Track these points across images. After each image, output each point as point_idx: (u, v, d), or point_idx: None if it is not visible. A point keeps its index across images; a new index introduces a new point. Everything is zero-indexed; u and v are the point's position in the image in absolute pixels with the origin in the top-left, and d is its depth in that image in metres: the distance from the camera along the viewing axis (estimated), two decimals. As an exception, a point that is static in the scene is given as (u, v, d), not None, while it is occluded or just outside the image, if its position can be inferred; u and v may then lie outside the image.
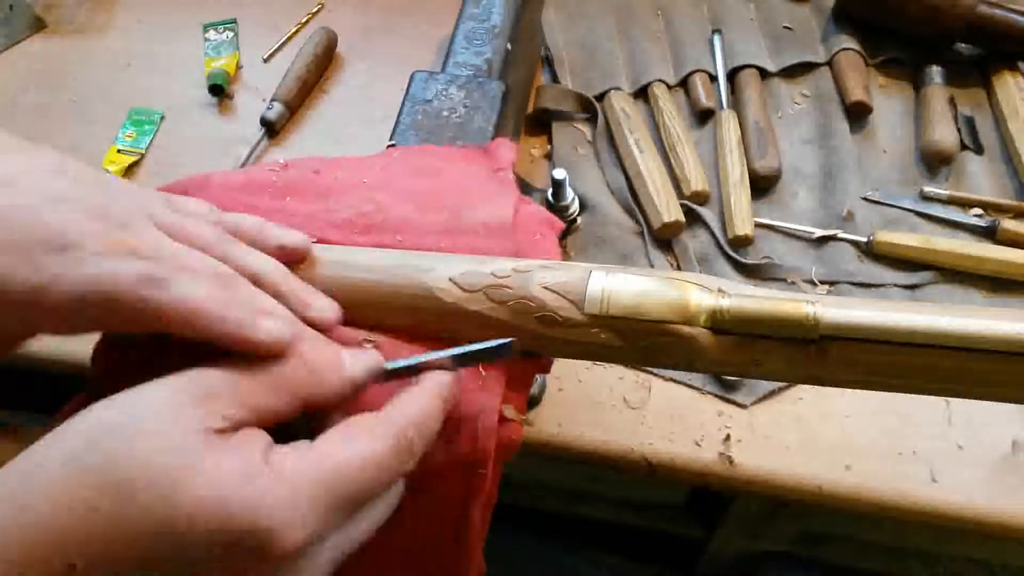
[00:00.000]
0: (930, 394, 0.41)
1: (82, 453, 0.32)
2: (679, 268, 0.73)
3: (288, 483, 0.33)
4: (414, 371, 0.40)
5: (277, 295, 0.40)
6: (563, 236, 0.74)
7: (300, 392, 0.36)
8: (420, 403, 0.38)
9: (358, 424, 0.36)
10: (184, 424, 0.33)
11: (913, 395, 0.44)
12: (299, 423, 0.37)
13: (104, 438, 0.32)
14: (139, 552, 0.31)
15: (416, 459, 0.37)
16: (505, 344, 0.40)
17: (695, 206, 0.76)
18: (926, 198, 0.77)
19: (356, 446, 0.35)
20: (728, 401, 0.67)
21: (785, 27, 0.86)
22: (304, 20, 0.91)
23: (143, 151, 0.83)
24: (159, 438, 0.32)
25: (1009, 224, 0.73)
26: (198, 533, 0.31)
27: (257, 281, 0.40)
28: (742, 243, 0.74)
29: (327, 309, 0.41)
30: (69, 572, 0.30)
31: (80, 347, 0.44)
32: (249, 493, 0.32)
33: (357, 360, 0.39)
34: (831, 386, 0.42)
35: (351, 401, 0.39)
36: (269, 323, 0.37)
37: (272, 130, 0.83)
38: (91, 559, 0.31)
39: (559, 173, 0.71)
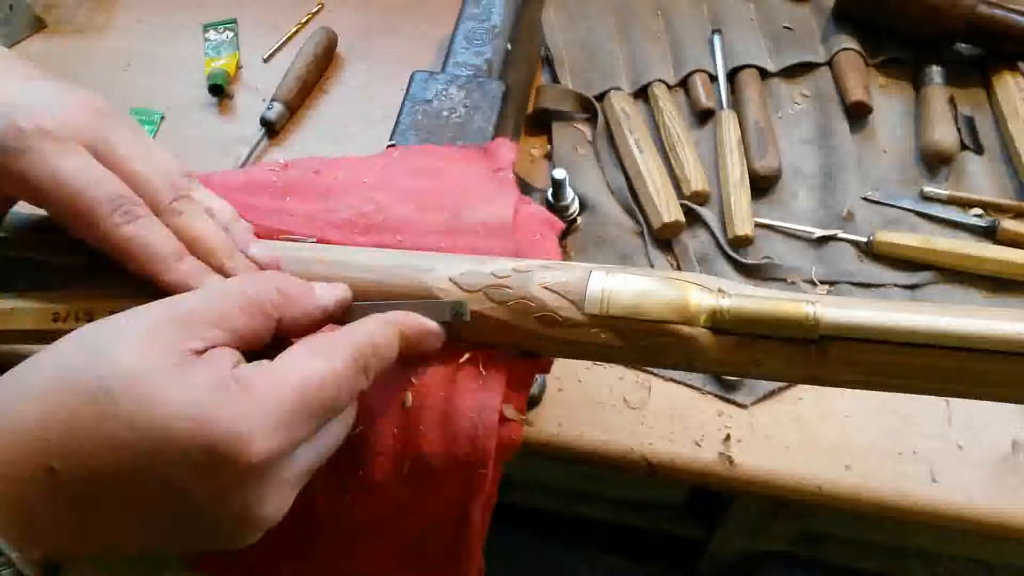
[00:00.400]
0: (930, 394, 0.41)
1: (68, 365, 0.34)
2: (679, 268, 0.73)
3: (256, 396, 0.34)
4: (382, 310, 0.41)
5: (219, 267, 0.42)
6: (563, 236, 0.74)
7: (273, 313, 0.38)
8: (377, 326, 0.39)
9: (318, 341, 0.37)
10: (163, 342, 0.34)
11: (913, 395, 0.44)
12: (268, 350, 0.38)
13: (89, 353, 0.34)
14: (116, 460, 0.32)
15: (370, 380, 0.38)
16: (457, 303, 0.41)
17: (695, 206, 0.76)
18: (926, 198, 0.77)
19: (318, 361, 0.36)
20: (728, 401, 0.67)
21: (785, 27, 0.86)
22: (304, 20, 0.91)
23: (143, 151, 0.83)
24: (139, 354, 0.33)
25: (1009, 224, 0.73)
26: (173, 443, 0.32)
27: (196, 247, 0.42)
28: (742, 243, 0.74)
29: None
30: (48, 475, 0.32)
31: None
32: (221, 405, 0.33)
33: (327, 289, 0.41)
34: (831, 386, 0.42)
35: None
36: (133, 227, 0.40)
37: (272, 130, 0.83)
38: (69, 463, 0.32)
39: (559, 173, 0.71)
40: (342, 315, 0.41)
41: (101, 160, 0.41)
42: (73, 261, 0.44)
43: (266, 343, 0.38)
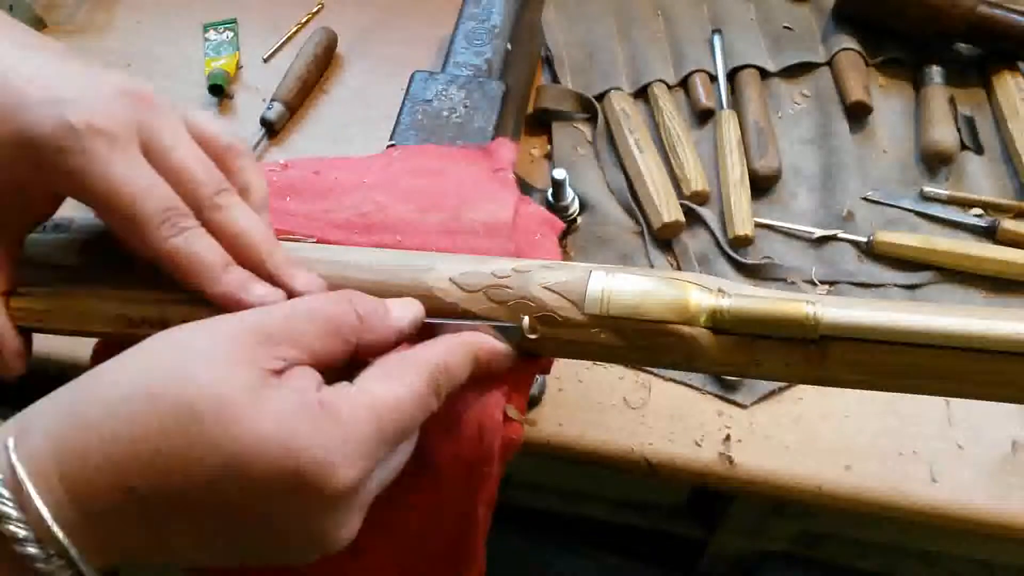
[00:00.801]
0: (930, 394, 0.41)
1: (153, 382, 0.33)
2: (679, 268, 0.73)
3: (342, 422, 0.34)
4: (454, 329, 0.41)
5: (257, 265, 0.41)
6: (563, 236, 0.74)
7: (351, 337, 0.37)
8: (450, 348, 0.39)
9: (395, 363, 0.37)
10: (247, 361, 0.34)
11: (913, 395, 0.44)
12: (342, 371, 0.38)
13: (174, 371, 0.33)
14: (200, 482, 0.32)
15: (441, 401, 0.38)
16: (524, 327, 0.41)
17: (695, 206, 0.76)
18: (926, 198, 0.77)
19: (398, 384, 0.36)
20: (728, 401, 0.67)
21: (785, 27, 0.86)
22: (304, 20, 0.91)
23: (143, 151, 0.83)
24: (224, 374, 0.33)
25: (1009, 224, 0.73)
26: (261, 468, 0.32)
27: (237, 243, 0.41)
28: (742, 243, 0.74)
29: (312, 284, 0.42)
30: (129, 493, 0.32)
31: (80, 347, 0.45)
32: (307, 432, 0.33)
33: (403, 309, 0.40)
34: (831, 386, 0.42)
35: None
36: (185, 238, 0.39)
37: (272, 130, 0.83)
38: (152, 483, 0.32)
39: (559, 173, 0.71)
40: (419, 335, 0.41)
41: (146, 153, 0.40)
42: (71, 262, 0.44)
43: (344, 365, 0.38)
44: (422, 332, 0.41)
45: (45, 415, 0.33)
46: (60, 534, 0.31)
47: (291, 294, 0.41)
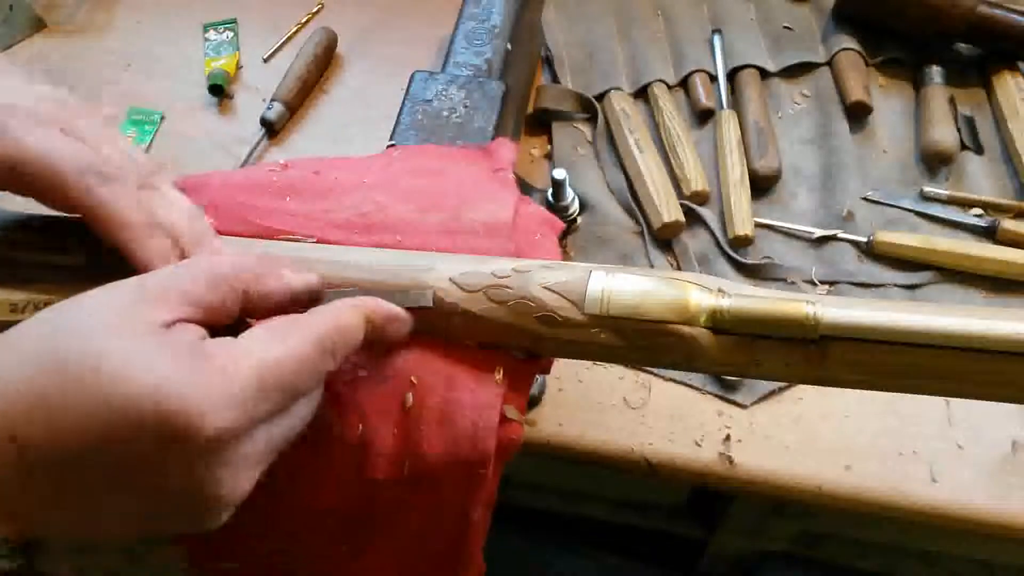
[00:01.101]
0: (930, 394, 0.41)
1: (31, 339, 0.34)
2: (679, 268, 0.73)
3: (215, 370, 0.34)
4: (349, 295, 0.41)
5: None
6: (563, 236, 0.74)
7: (239, 287, 0.38)
8: (341, 309, 0.39)
9: (281, 322, 0.37)
10: (128, 316, 0.34)
11: (913, 395, 0.44)
12: (234, 331, 0.38)
13: (53, 327, 0.34)
14: (79, 430, 0.32)
15: (337, 363, 0.38)
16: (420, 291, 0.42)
17: (695, 206, 0.76)
18: (926, 198, 0.77)
19: (280, 340, 0.36)
20: (728, 401, 0.67)
21: (785, 27, 0.86)
22: (304, 20, 0.91)
23: (143, 151, 0.83)
24: (102, 327, 0.34)
25: (1009, 224, 0.73)
26: (131, 414, 0.32)
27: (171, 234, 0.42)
28: (742, 243, 0.74)
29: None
30: (10, 441, 0.32)
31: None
32: (179, 378, 0.33)
33: (297, 273, 0.41)
34: (831, 386, 0.42)
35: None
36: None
37: (272, 130, 0.83)
38: (32, 432, 0.32)
39: (559, 173, 0.71)
40: (310, 302, 0.41)
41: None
42: (70, 261, 0.44)
43: (233, 320, 0.38)
44: (321, 303, 0.41)
45: None
46: None
47: None
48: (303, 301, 0.40)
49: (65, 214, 0.46)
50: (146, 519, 0.35)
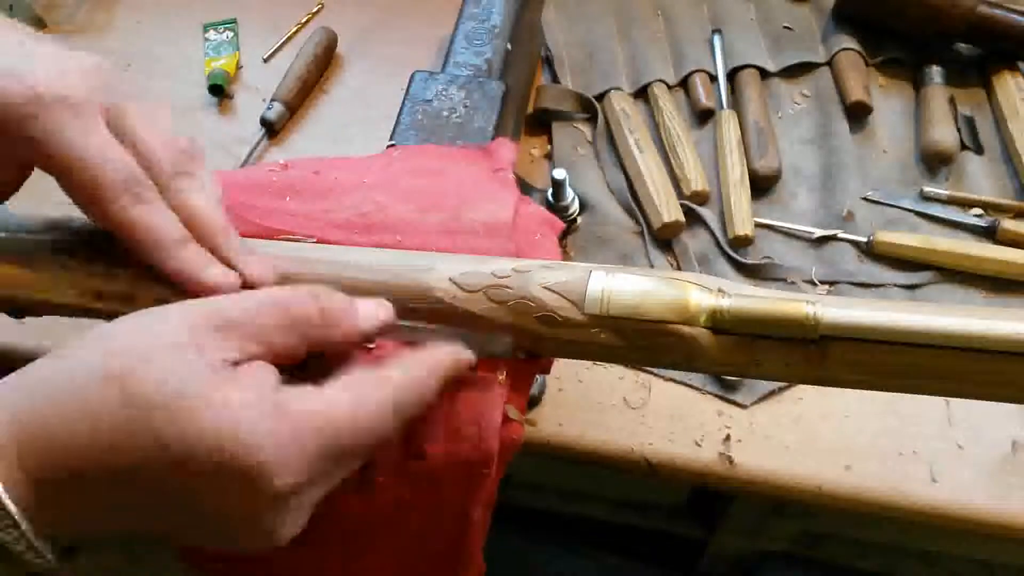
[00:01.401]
0: (930, 394, 0.41)
1: (111, 366, 0.33)
2: (679, 268, 0.73)
3: (292, 425, 0.33)
4: (424, 335, 0.41)
5: (213, 248, 0.41)
6: (563, 236, 0.74)
7: (312, 333, 0.37)
8: (422, 372, 0.39)
9: (364, 380, 0.37)
10: (201, 349, 0.34)
11: (913, 395, 0.44)
12: (304, 365, 0.37)
13: (131, 355, 0.33)
14: (148, 470, 0.32)
15: (406, 426, 0.38)
16: (507, 342, 0.41)
17: (695, 206, 0.76)
18: (926, 198, 0.77)
19: (359, 402, 0.36)
20: (728, 401, 0.67)
21: (785, 27, 0.86)
22: (304, 20, 0.91)
23: (143, 151, 0.83)
24: (176, 360, 0.33)
25: (1009, 224, 0.73)
26: (205, 458, 0.32)
27: (195, 224, 0.41)
28: (742, 243, 0.74)
29: (266, 271, 0.42)
30: (78, 474, 0.32)
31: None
32: (253, 428, 0.33)
33: (370, 310, 0.40)
34: (831, 386, 0.42)
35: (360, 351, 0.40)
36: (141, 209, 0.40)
37: (272, 130, 0.83)
38: (101, 465, 0.32)
39: (559, 173, 0.71)
40: (381, 335, 0.41)
41: (111, 127, 0.40)
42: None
43: (302, 360, 0.38)
44: (391, 333, 0.41)
45: (9, 389, 0.34)
46: (13, 508, 0.32)
47: (244, 279, 0.41)
48: (374, 338, 0.40)
49: (66, 216, 0.46)
50: (196, 538, 0.36)
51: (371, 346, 0.43)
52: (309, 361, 0.38)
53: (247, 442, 0.32)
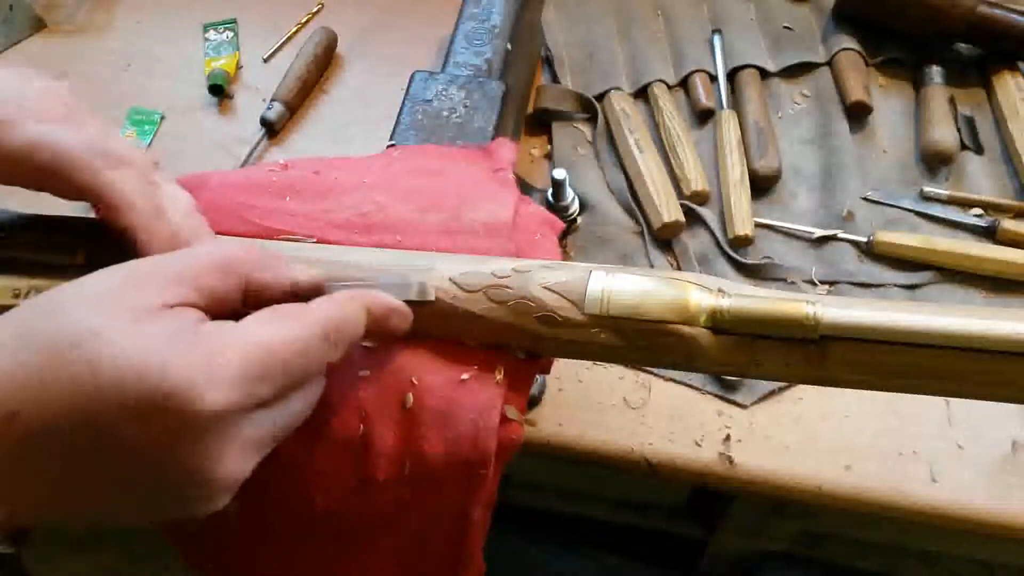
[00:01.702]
0: (930, 394, 0.41)
1: (26, 320, 0.34)
2: (679, 268, 0.73)
3: (210, 349, 0.33)
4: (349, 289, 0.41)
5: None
6: (563, 236, 0.74)
7: (242, 271, 0.38)
8: (341, 300, 0.39)
9: (284, 309, 0.37)
10: (124, 297, 0.34)
11: (913, 395, 0.44)
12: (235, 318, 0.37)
13: (49, 309, 0.34)
14: (71, 408, 0.32)
15: (338, 354, 0.38)
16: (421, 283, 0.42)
17: (695, 206, 0.76)
18: (926, 198, 0.77)
19: (281, 325, 0.36)
20: (728, 401, 0.67)
21: (785, 27, 0.86)
22: (304, 20, 0.91)
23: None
24: (97, 306, 0.34)
25: (1009, 224, 0.73)
26: (124, 390, 0.32)
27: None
28: (742, 243, 0.74)
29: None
30: (12, 417, 0.32)
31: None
32: (175, 354, 0.33)
33: (301, 267, 0.41)
34: (831, 386, 0.42)
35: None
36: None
37: (272, 130, 0.83)
38: (22, 411, 0.32)
39: (559, 173, 0.71)
40: (311, 296, 0.41)
41: None
42: (73, 261, 0.44)
43: (235, 309, 0.38)
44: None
45: None
46: None
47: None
48: (305, 295, 0.40)
49: (66, 215, 0.46)
50: (142, 502, 0.35)
51: (369, 345, 0.43)
52: (243, 315, 0.38)
53: (162, 366, 0.32)
